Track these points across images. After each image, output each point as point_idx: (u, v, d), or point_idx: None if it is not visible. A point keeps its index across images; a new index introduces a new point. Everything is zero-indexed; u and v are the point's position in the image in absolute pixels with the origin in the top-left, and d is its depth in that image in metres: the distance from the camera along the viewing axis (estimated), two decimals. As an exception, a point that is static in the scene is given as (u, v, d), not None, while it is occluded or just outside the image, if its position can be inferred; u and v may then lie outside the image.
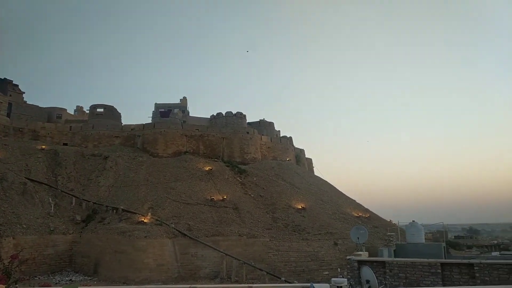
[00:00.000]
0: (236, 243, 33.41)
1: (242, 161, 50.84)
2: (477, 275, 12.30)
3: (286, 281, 29.06)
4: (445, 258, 16.46)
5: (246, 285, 26.59)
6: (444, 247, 18.60)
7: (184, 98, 68.96)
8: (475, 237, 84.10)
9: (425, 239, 22.30)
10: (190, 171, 44.91)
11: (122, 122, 55.38)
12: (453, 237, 72.11)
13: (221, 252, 31.66)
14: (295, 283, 27.00)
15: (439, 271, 12.92)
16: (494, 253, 40.90)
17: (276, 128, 66.11)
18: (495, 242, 69.07)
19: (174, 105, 65.64)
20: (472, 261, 13.08)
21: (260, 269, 30.82)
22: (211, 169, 45.93)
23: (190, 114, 65.11)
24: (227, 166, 48.25)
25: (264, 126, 63.00)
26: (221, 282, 29.87)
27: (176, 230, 33.14)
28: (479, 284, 12.00)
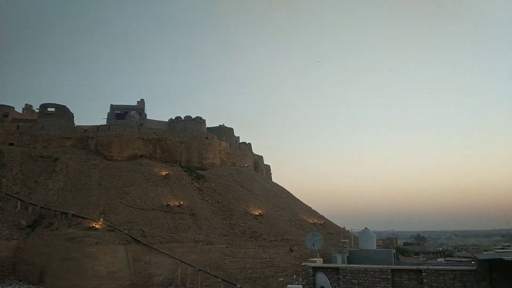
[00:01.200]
0: (192, 250, 32.92)
1: (200, 167, 50.30)
2: (425, 280, 12.83)
3: (241, 288, 28.96)
4: (395, 264, 17.04)
5: (201, 292, 26.19)
6: (394, 253, 19.24)
7: (142, 100, 67.33)
8: (422, 244, 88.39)
9: (376, 245, 23.05)
10: (145, 175, 43.77)
11: (74, 122, 53.10)
12: (402, 244, 75.36)
13: (176, 259, 31.04)
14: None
15: (390, 277, 13.36)
16: (440, 259, 43.12)
17: (236, 134, 66.08)
18: (440, 249, 73.04)
19: (131, 107, 63.87)
20: (420, 267, 13.63)
21: (215, 276, 30.51)
22: (168, 174, 45.04)
23: (148, 117, 63.64)
24: (185, 171, 47.56)
25: (224, 132, 62.76)
26: (175, 290, 29.26)
27: (130, 236, 32.11)
28: (426, 290, 12.51)
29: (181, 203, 39.92)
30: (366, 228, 21.64)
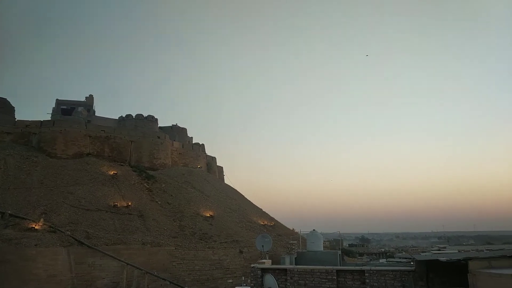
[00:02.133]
0: (139, 252, 32.04)
1: (150, 167, 49.15)
2: (367, 280, 13.43)
3: (189, 291, 28.64)
4: (340, 265, 17.63)
5: (148, 295, 25.61)
6: (339, 254, 19.90)
7: (91, 96, 64.55)
8: (366, 245, 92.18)
9: (323, 247, 23.74)
10: (92, 174, 42.04)
11: (15, 117, 49.88)
12: (347, 245, 78.20)
13: (122, 261, 30.06)
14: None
15: (335, 277, 13.85)
16: (382, 260, 45.20)
17: (189, 135, 65.38)
18: (383, 250, 76.62)
19: (79, 103, 61.12)
20: (363, 268, 14.26)
21: (163, 279, 29.93)
22: (116, 174, 43.56)
23: (97, 114, 61.19)
24: (134, 171, 46.26)
25: (177, 132, 61.86)
26: (120, 293, 28.35)
27: (72, 238, 30.65)
28: (369, 289, 13.10)
29: (129, 204, 38.76)
30: (314, 230, 22.19)
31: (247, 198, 56.10)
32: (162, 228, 36.89)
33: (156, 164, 50.22)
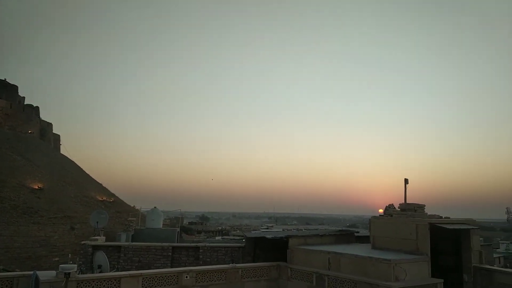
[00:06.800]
0: None
1: (-36, 126, 41.19)
2: (201, 256, 14.31)
3: (4, 270, 25.36)
4: (177, 242, 18.09)
5: None
6: (178, 232, 20.38)
7: None
8: (205, 224, 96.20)
9: (163, 224, 23.88)
10: None
11: None
12: (187, 223, 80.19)
13: None
14: (16, 271, 23.86)
15: (170, 254, 14.27)
16: (218, 238, 48.00)
17: (21, 94, 56.82)
18: (220, 228, 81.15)
19: None
20: (198, 244, 15.09)
21: (-31, 258, 25.72)
22: None
23: None
24: None
25: (4, 88, 53.01)
26: None
27: None
28: (201, 265, 13.89)
29: None
30: (155, 207, 22.19)
31: (86, 172, 52.32)
32: (-27, 199, 31.56)
33: (-28, 124, 42.39)
